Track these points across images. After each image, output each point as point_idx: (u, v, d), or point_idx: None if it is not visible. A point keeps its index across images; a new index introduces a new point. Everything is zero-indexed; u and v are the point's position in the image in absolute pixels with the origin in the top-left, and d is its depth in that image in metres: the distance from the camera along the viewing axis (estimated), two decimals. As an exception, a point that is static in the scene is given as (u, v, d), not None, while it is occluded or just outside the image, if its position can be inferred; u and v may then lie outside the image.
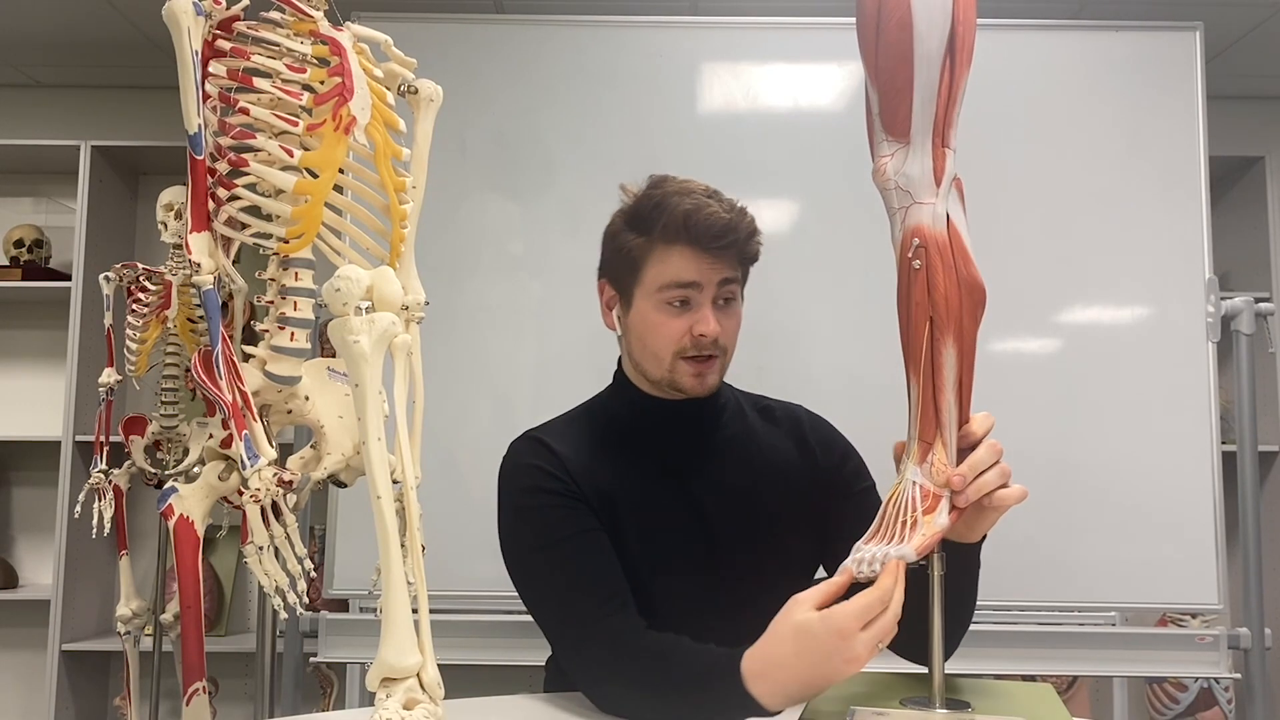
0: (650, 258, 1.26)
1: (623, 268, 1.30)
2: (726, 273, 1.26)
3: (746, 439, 1.37)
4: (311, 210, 0.85)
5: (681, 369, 1.27)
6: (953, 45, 0.94)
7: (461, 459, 2.17)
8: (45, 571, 3.16)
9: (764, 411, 1.42)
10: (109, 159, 3.09)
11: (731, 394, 1.41)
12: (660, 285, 1.26)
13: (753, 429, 1.38)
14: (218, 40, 0.87)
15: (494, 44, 2.33)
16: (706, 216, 1.23)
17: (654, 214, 1.25)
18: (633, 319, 1.31)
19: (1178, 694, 2.93)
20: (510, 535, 1.30)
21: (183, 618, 0.86)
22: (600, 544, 1.24)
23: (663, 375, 1.29)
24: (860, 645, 0.97)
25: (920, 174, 0.96)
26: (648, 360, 1.30)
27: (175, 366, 1.93)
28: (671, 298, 1.25)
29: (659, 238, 1.25)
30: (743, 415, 1.40)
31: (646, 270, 1.27)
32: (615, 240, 1.31)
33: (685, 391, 1.29)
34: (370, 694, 0.75)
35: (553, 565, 1.23)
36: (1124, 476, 2.18)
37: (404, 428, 0.79)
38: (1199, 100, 2.26)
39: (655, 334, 1.27)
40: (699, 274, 1.24)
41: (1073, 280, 2.25)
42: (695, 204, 1.23)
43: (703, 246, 1.23)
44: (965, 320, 0.97)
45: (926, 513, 0.97)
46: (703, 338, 1.25)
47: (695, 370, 1.27)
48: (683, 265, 1.24)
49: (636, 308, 1.29)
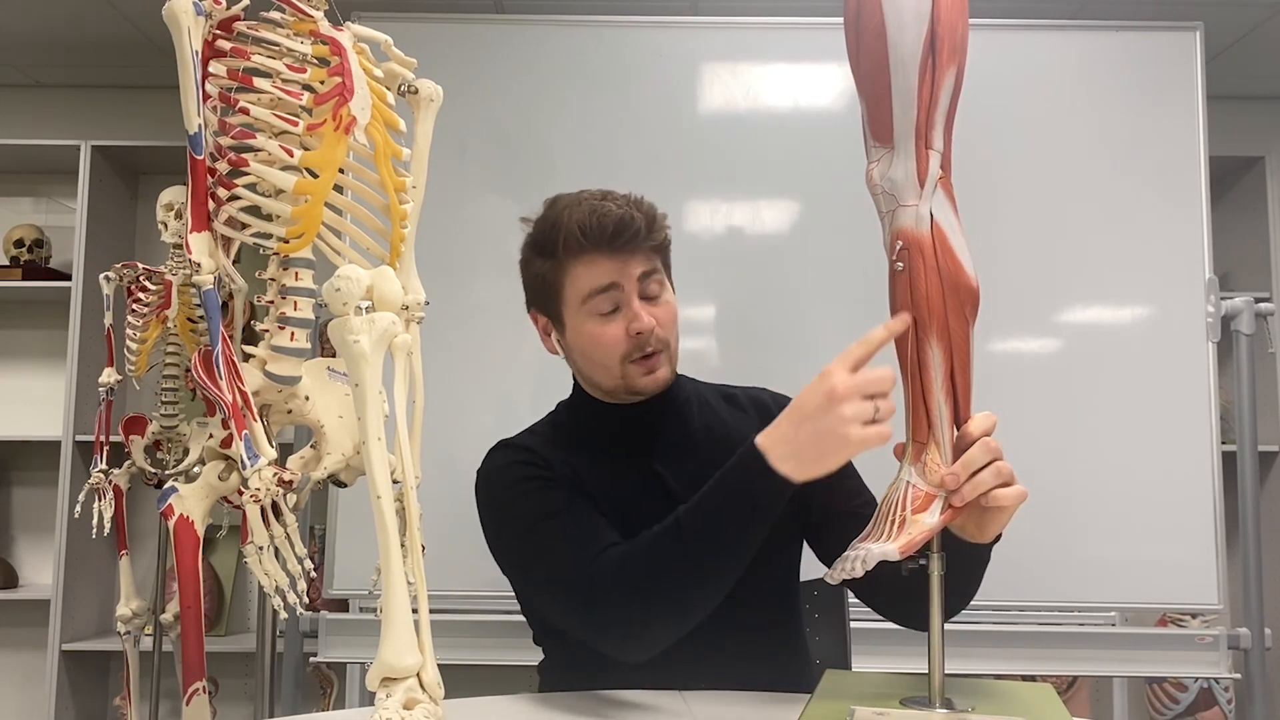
0: (564, 276, 1.28)
1: (544, 294, 1.32)
2: (642, 266, 1.27)
3: (717, 427, 1.37)
4: (311, 210, 0.85)
5: (632, 372, 1.28)
6: (934, 47, 0.94)
7: (461, 459, 2.16)
8: (45, 571, 3.16)
9: (729, 399, 1.43)
10: (109, 159, 3.09)
11: (692, 387, 1.42)
12: (583, 298, 1.27)
13: (720, 417, 1.39)
14: (218, 40, 0.87)
15: (494, 44, 2.33)
16: (600, 219, 1.24)
17: (552, 234, 1.28)
18: (570, 338, 1.32)
19: (1178, 694, 2.93)
20: (498, 534, 1.30)
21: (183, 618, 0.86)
22: (585, 509, 1.24)
23: (615, 384, 1.30)
24: (849, 410, 0.98)
25: (904, 177, 0.97)
26: (598, 373, 1.31)
27: (175, 366, 1.93)
28: (597, 306, 1.27)
29: (564, 255, 1.27)
30: (708, 405, 1.40)
31: (565, 289, 1.29)
32: (529, 269, 1.34)
33: (642, 392, 1.30)
34: (370, 694, 0.75)
35: (547, 535, 1.22)
36: (1124, 476, 2.18)
37: (404, 428, 0.79)
38: (1199, 100, 2.26)
39: (596, 345, 1.28)
40: (614, 274, 1.26)
41: (1073, 280, 2.25)
42: (586, 210, 1.26)
43: (606, 248, 1.25)
44: (952, 321, 0.97)
45: (917, 512, 0.97)
46: (640, 335, 1.26)
47: (646, 369, 1.28)
48: (595, 272, 1.26)
49: (570, 327, 1.31)
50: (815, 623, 1.56)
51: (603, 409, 1.35)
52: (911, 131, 0.96)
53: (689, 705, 1.16)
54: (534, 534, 1.23)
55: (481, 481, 1.33)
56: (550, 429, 1.40)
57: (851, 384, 0.99)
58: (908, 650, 2.04)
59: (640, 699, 1.19)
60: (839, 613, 1.62)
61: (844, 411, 0.99)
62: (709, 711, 1.14)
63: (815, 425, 1.01)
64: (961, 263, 0.97)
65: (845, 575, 0.96)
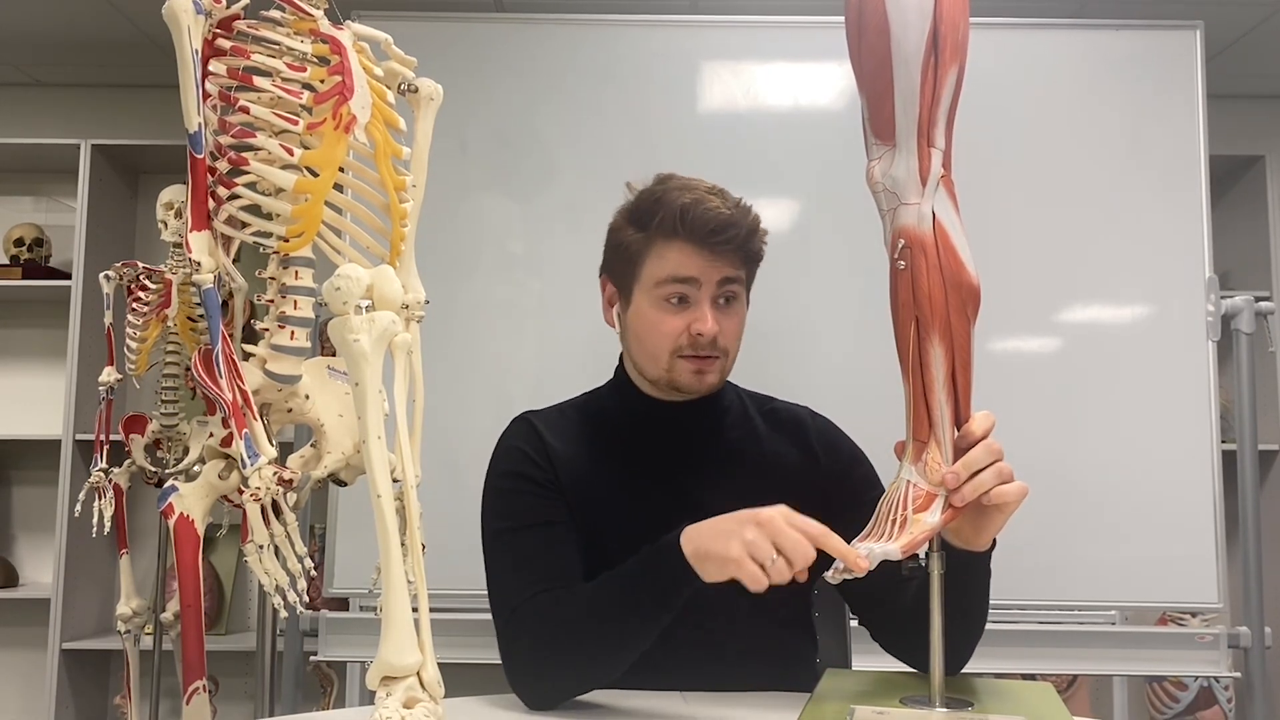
0: (648, 253, 1.25)
1: (622, 264, 1.29)
2: (727, 271, 1.25)
3: (751, 445, 1.34)
4: (311, 209, 0.85)
5: (680, 367, 1.26)
6: (936, 45, 0.94)
7: (461, 458, 2.17)
8: (45, 570, 3.16)
9: (769, 415, 1.40)
10: (109, 158, 3.09)
11: (736, 396, 1.39)
12: (658, 281, 1.24)
13: (758, 434, 1.36)
14: (218, 39, 0.87)
15: (494, 43, 2.33)
16: (705, 211, 1.21)
17: (653, 209, 1.25)
18: (631, 316, 1.30)
19: (1178, 693, 2.93)
20: (484, 513, 1.29)
21: (183, 616, 0.86)
22: (558, 536, 1.23)
23: (660, 375, 1.27)
24: (750, 535, 1.00)
25: (906, 175, 0.97)
26: (645, 360, 1.29)
27: (175, 365, 1.93)
28: (669, 294, 1.24)
29: (656, 232, 1.24)
30: (748, 419, 1.37)
31: (645, 266, 1.26)
32: (616, 236, 1.31)
33: (684, 390, 1.27)
34: (370, 693, 0.75)
35: (505, 548, 1.23)
36: (1124, 476, 2.18)
37: (404, 427, 0.79)
38: (1199, 100, 2.26)
39: (652, 332, 1.26)
40: (697, 270, 1.23)
41: (1073, 280, 2.25)
42: (694, 199, 1.23)
43: (701, 242, 1.22)
44: (953, 319, 0.97)
45: (918, 511, 0.97)
46: (700, 336, 1.23)
47: (695, 367, 1.25)
48: (680, 260, 1.23)
49: (635, 305, 1.28)
50: (815, 622, 1.56)
51: (640, 401, 1.33)
52: (914, 129, 0.96)
53: (690, 705, 1.16)
54: (500, 539, 1.24)
55: (496, 449, 1.33)
56: (581, 411, 1.37)
57: (775, 525, 1.00)
58: (908, 649, 2.04)
59: (641, 699, 1.19)
60: (839, 613, 1.62)
61: (746, 534, 1.00)
62: (709, 712, 1.14)
63: (724, 527, 1.03)
64: (963, 261, 0.97)
65: (846, 575, 0.96)
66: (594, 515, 1.26)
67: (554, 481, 1.26)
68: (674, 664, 1.21)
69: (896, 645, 1.25)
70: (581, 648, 1.12)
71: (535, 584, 1.17)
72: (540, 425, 1.32)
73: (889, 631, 1.26)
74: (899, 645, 1.25)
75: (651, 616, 1.09)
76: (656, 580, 1.08)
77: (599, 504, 1.27)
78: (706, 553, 1.03)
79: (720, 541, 1.02)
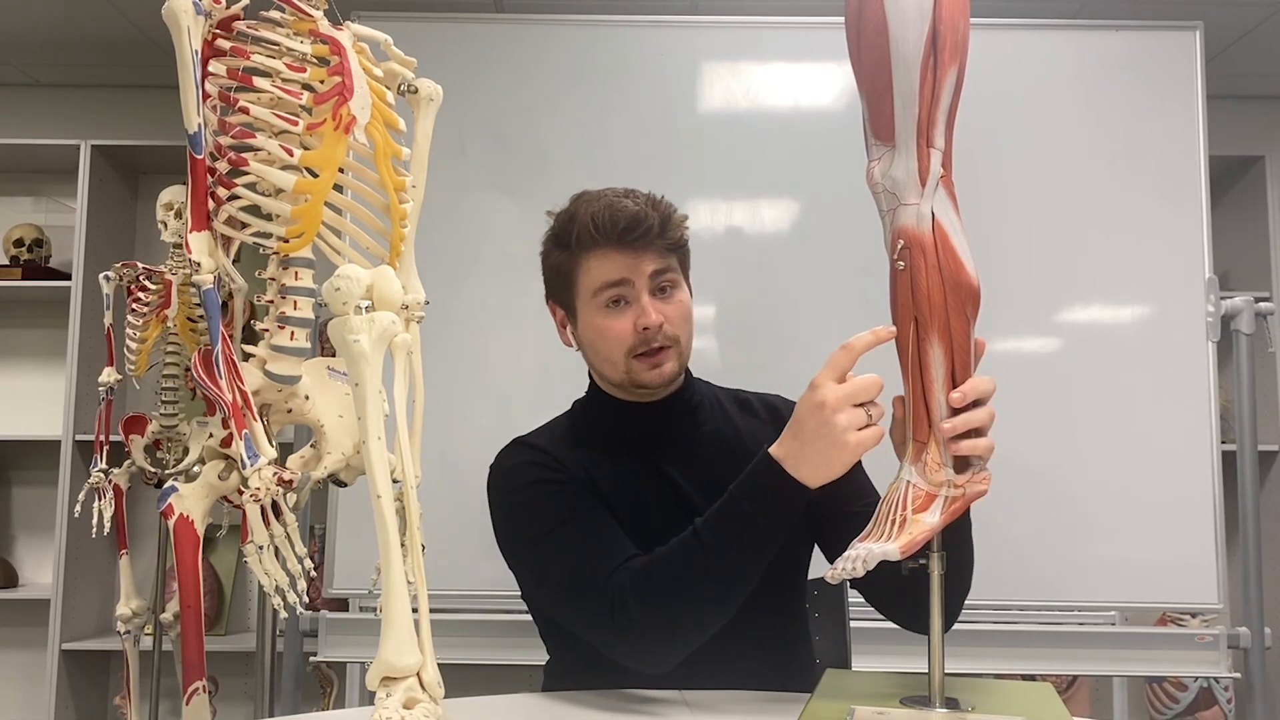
0: (578, 268, 1.30)
1: (560, 285, 1.34)
2: (655, 264, 1.29)
3: (728, 432, 1.38)
4: (311, 209, 0.85)
5: (636, 366, 1.29)
6: (935, 45, 0.94)
7: (461, 459, 2.17)
8: (45, 571, 3.16)
9: (743, 404, 1.44)
10: (109, 158, 3.09)
11: (707, 389, 1.43)
12: (594, 290, 1.29)
13: (733, 422, 1.40)
14: (217, 39, 0.87)
15: (494, 44, 2.33)
16: (614, 214, 1.26)
17: (569, 226, 1.30)
18: (582, 331, 1.34)
19: (1177, 693, 2.93)
20: (510, 536, 1.30)
21: (183, 617, 0.86)
22: (604, 516, 1.24)
23: (621, 378, 1.31)
24: (844, 419, 1.01)
25: (905, 175, 0.97)
26: (604, 366, 1.33)
27: (175, 366, 1.93)
28: (607, 299, 1.29)
29: (578, 247, 1.29)
30: (721, 409, 1.41)
31: (579, 281, 1.31)
32: (547, 261, 1.36)
33: (647, 386, 1.30)
34: (370, 693, 0.75)
35: (557, 548, 1.23)
36: (1124, 476, 2.18)
37: (404, 427, 0.79)
38: (1199, 100, 2.26)
39: (603, 338, 1.30)
40: (625, 270, 1.27)
41: (1072, 280, 2.25)
42: (603, 205, 1.28)
43: (618, 243, 1.27)
44: (953, 320, 0.97)
45: (918, 511, 0.97)
46: (647, 330, 1.27)
47: (651, 364, 1.29)
48: (607, 266, 1.28)
49: (582, 319, 1.32)
50: (815, 623, 1.56)
51: (615, 407, 1.36)
52: (913, 129, 0.96)
53: (690, 705, 1.16)
54: (549, 540, 1.24)
55: (494, 479, 1.33)
56: (567, 427, 1.40)
57: (840, 395, 1.02)
58: (908, 650, 2.03)
59: (641, 699, 1.19)
60: (839, 613, 1.62)
61: (839, 421, 1.02)
62: (709, 712, 1.14)
63: (816, 436, 1.04)
64: (963, 261, 0.97)
65: (846, 575, 0.96)
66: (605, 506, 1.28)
67: (567, 474, 1.28)
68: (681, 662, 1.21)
69: (890, 607, 1.26)
70: (700, 595, 1.12)
71: (612, 558, 1.18)
72: (536, 441, 1.35)
73: (884, 596, 1.26)
74: (893, 607, 1.25)
75: (771, 540, 1.10)
76: (768, 504, 1.09)
77: (605, 497, 1.28)
78: (827, 464, 1.05)
79: (829, 450, 1.03)
